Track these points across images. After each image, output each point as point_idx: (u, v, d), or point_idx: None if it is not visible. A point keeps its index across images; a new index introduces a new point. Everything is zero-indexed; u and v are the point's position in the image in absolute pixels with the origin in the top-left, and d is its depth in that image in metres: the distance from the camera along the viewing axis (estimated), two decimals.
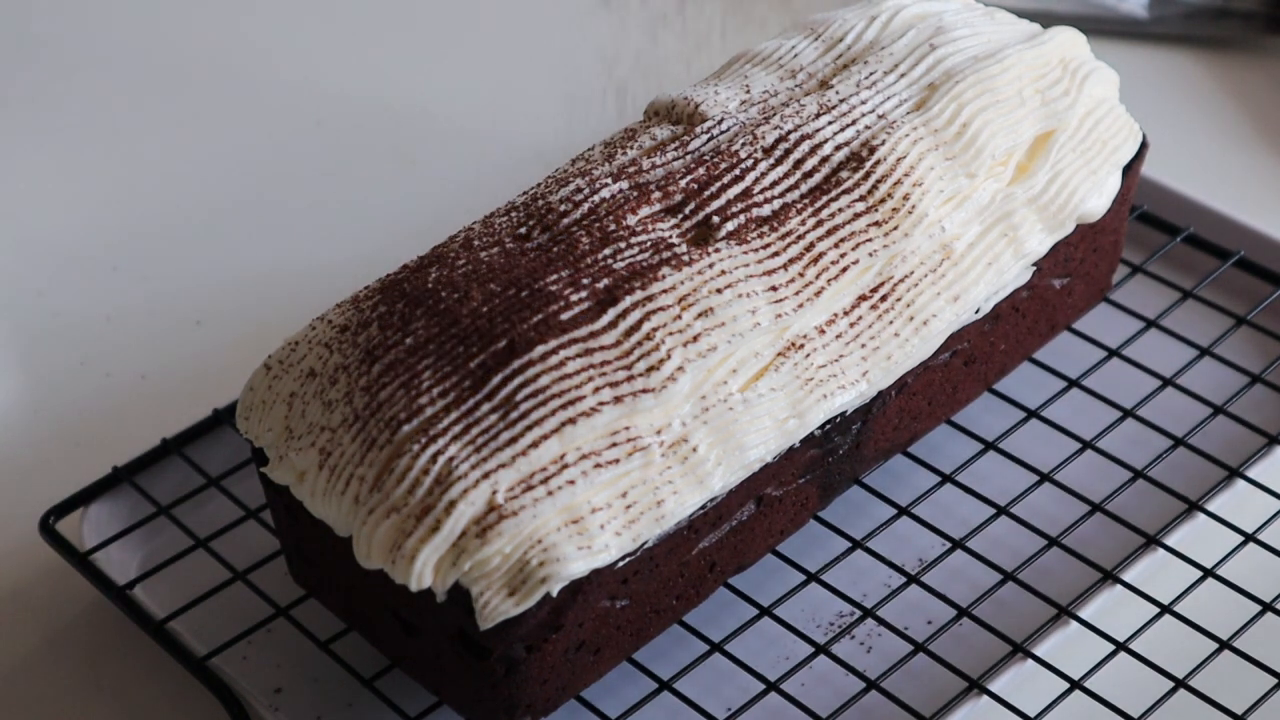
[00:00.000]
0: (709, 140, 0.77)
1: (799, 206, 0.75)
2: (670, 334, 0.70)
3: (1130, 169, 0.84)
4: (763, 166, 0.75)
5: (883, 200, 0.76)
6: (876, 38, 0.81)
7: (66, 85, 1.15)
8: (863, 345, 0.75)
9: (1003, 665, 0.75)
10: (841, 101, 0.78)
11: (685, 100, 0.79)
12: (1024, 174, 0.80)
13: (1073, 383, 0.87)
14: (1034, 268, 0.81)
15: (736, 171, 0.75)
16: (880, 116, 0.78)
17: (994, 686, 0.74)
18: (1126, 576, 0.78)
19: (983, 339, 0.82)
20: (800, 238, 0.74)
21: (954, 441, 0.85)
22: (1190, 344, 0.89)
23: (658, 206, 0.74)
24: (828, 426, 0.75)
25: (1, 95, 1.15)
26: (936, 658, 0.76)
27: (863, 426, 0.77)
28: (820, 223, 0.75)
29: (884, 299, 0.75)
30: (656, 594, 0.73)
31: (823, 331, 0.74)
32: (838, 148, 0.76)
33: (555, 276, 0.71)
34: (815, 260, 0.74)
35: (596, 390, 0.69)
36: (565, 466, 0.68)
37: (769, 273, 0.73)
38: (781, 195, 0.75)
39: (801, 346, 0.73)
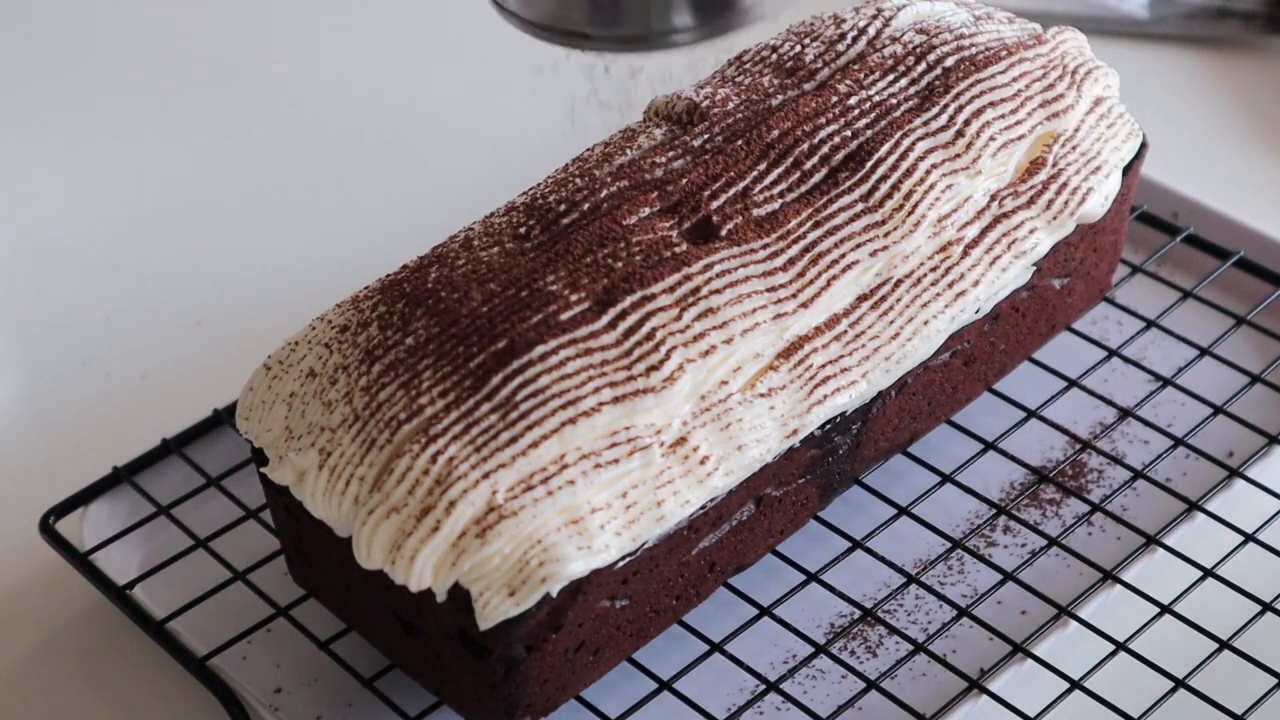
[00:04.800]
0: (709, 140, 0.77)
1: (799, 206, 0.75)
2: (670, 334, 0.70)
3: (1130, 169, 0.84)
4: (762, 166, 0.75)
5: (883, 201, 0.76)
6: (877, 38, 0.81)
7: (66, 85, 1.15)
8: (863, 345, 0.75)
9: (1003, 665, 0.75)
10: (841, 101, 0.78)
11: (685, 100, 0.79)
12: (1024, 174, 0.80)
13: (1073, 383, 0.87)
14: (1034, 268, 0.81)
15: (736, 171, 0.75)
16: (880, 116, 0.78)
17: (994, 686, 0.74)
18: (1126, 576, 0.78)
19: (983, 339, 0.82)
20: (800, 238, 0.74)
21: (954, 441, 0.85)
22: (1190, 344, 0.89)
23: (657, 206, 0.74)
24: (828, 426, 0.75)
25: (1, 95, 1.15)
26: (936, 658, 0.76)
27: (863, 426, 0.77)
28: (820, 223, 0.75)
29: (884, 299, 0.75)
30: (656, 594, 0.73)
31: (823, 332, 0.74)
32: (837, 148, 0.76)
33: (555, 276, 0.71)
34: (815, 260, 0.74)
35: (596, 390, 0.69)
36: (565, 466, 0.68)
37: (769, 273, 0.73)
38: (781, 195, 0.75)
39: (801, 347, 0.73)
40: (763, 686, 0.75)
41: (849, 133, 0.77)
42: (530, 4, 0.62)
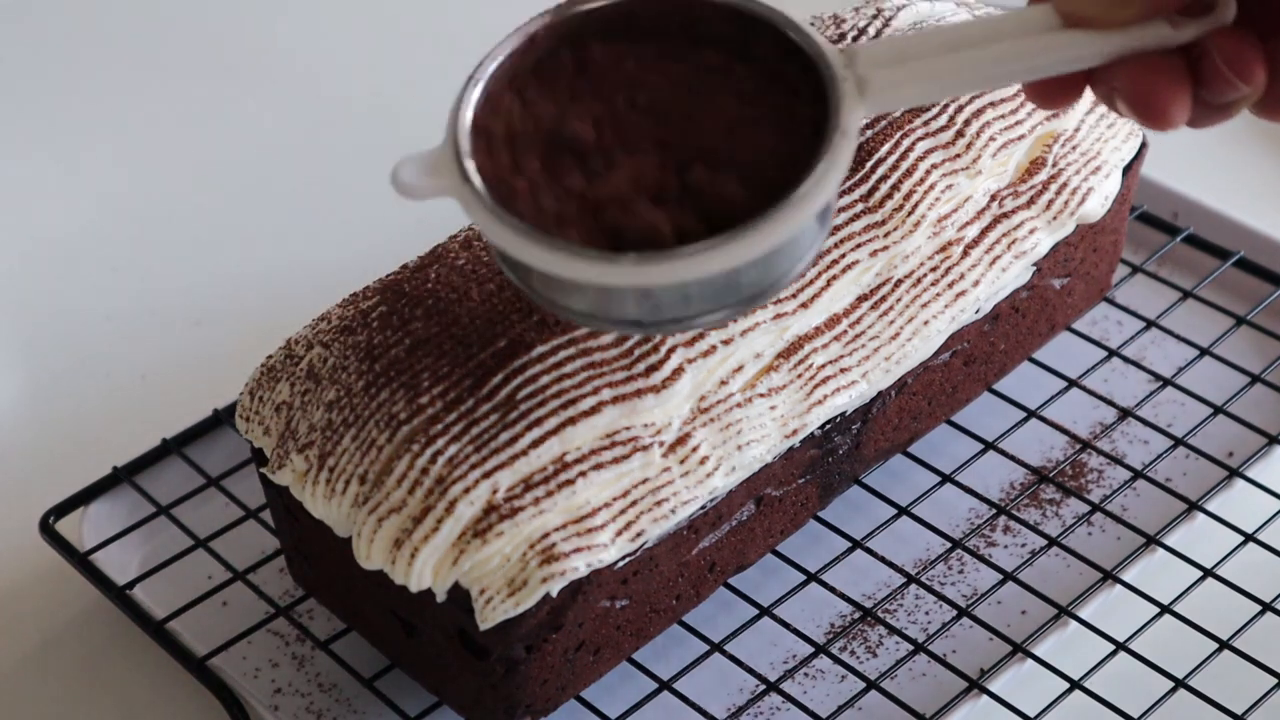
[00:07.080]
0: None
1: None
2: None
3: (1130, 169, 0.84)
4: None
5: (883, 201, 0.76)
6: (876, 38, 0.81)
7: (67, 85, 1.15)
8: (863, 345, 0.75)
9: (1003, 665, 0.75)
10: None
11: None
12: (1024, 174, 0.80)
13: (1073, 383, 0.87)
14: (1034, 268, 0.81)
15: None
16: (880, 116, 0.78)
17: (994, 686, 0.74)
18: (1126, 576, 0.78)
19: (983, 339, 0.82)
20: None
21: (954, 441, 0.85)
22: (1190, 344, 0.89)
23: None
24: (828, 426, 0.75)
25: (1, 94, 1.15)
26: (936, 658, 0.76)
27: (863, 426, 0.77)
28: None
29: (884, 299, 0.75)
30: (656, 594, 0.73)
31: (823, 331, 0.74)
32: None
33: None
34: (815, 260, 0.74)
35: (596, 390, 0.69)
36: (565, 466, 0.68)
37: None
38: None
39: (802, 347, 0.73)
40: (763, 687, 0.75)
41: None
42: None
